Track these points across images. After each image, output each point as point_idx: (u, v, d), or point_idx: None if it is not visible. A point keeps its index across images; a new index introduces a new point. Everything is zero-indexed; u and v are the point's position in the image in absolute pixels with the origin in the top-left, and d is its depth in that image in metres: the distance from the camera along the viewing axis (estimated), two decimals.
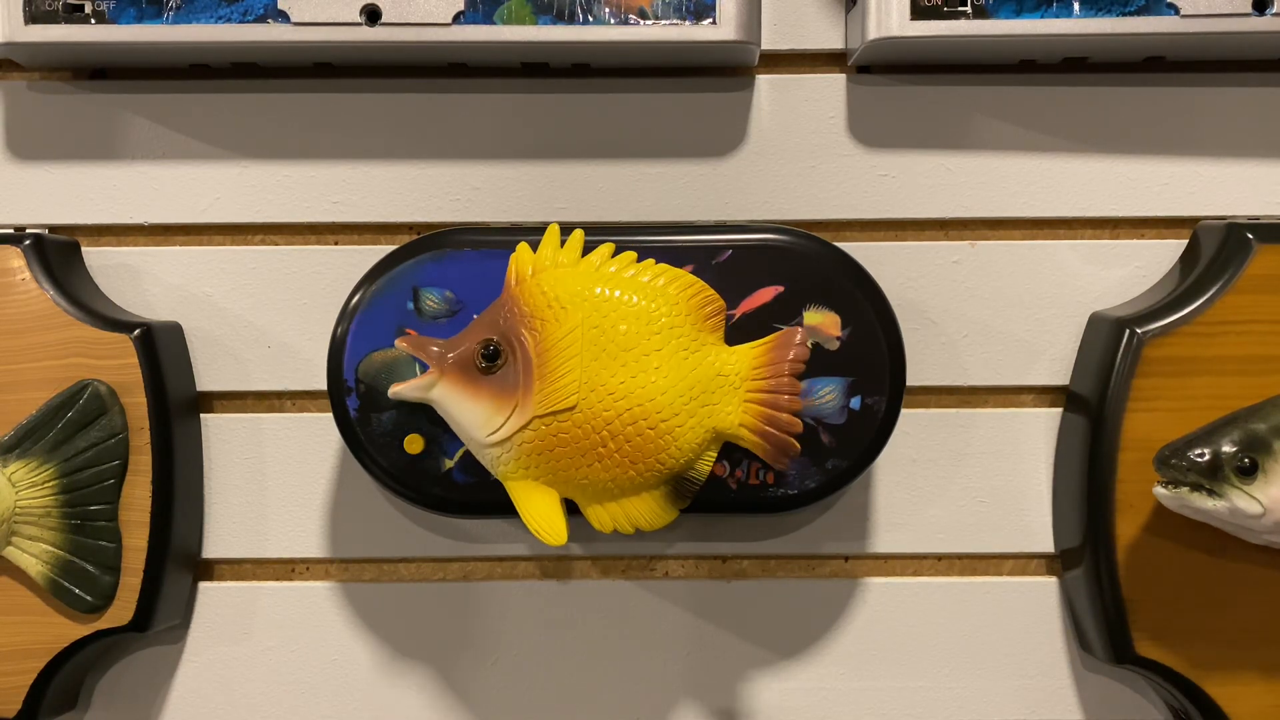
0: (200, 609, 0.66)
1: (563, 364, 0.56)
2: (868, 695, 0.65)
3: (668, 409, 0.56)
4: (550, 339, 0.56)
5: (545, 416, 0.56)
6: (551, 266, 0.57)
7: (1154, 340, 0.60)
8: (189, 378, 0.65)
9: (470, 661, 0.65)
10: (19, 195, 0.65)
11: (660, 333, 0.57)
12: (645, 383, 0.56)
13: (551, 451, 0.56)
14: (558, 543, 0.57)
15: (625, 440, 0.56)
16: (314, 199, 0.65)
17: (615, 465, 0.57)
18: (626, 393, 0.56)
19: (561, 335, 0.56)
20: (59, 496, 0.61)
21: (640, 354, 0.56)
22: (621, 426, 0.56)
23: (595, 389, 0.56)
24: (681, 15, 0.60)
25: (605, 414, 0.56)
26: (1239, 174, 0.64)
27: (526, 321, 0.56)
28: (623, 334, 0.56)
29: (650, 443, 0.56)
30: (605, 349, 0.56)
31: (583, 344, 0.56)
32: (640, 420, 0.56)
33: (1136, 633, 0.60)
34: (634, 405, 0.56)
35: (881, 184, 0.65)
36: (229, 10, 0.60)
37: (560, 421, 0.56)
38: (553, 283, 0.57)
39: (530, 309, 0.57)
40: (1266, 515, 0.56)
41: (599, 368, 0.56)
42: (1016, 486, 0.65)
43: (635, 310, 0.57)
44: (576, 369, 0.56)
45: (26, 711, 0.62)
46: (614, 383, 0.56)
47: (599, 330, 0.56)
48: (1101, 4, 0.60)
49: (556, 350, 0.56)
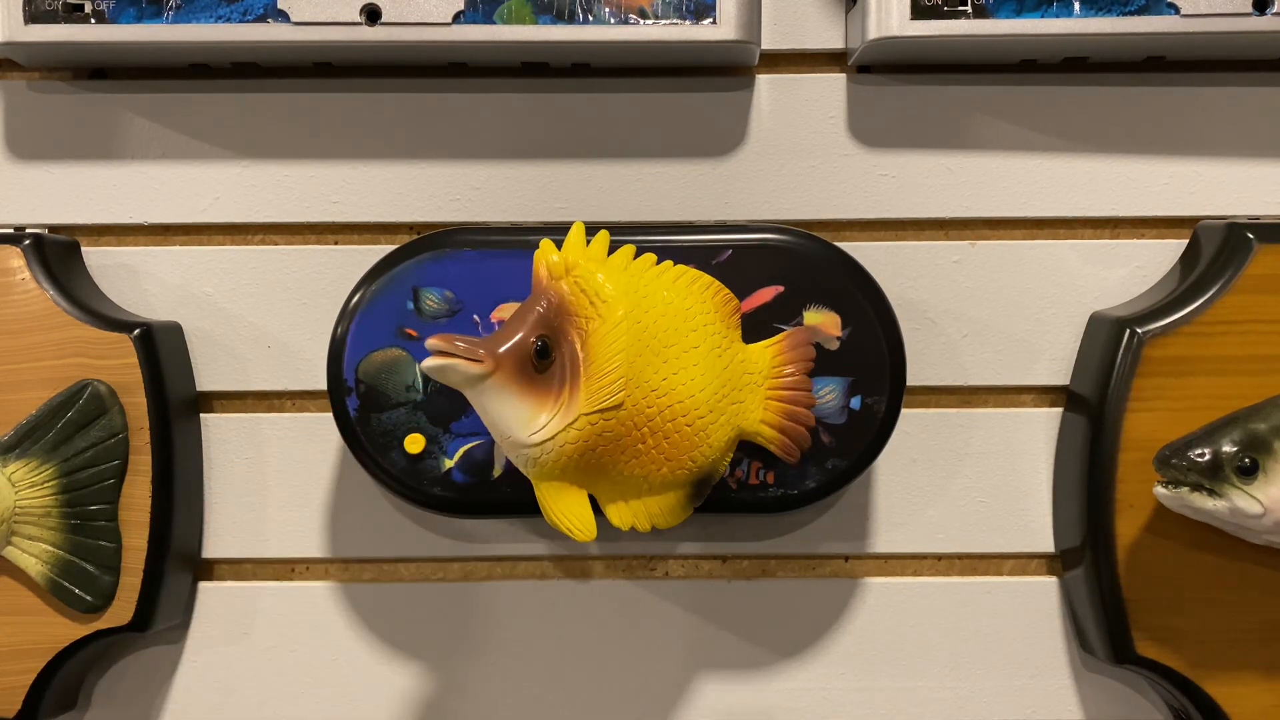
0: (200, 609, 0.66)
1: (610, 360, 0.55)
2: (868, 695, 0.65)
3: (704, 406, 0.56)
4: (596, 335, 0.55)
5: (592, 414, 0.55)
6: (587, 262, 0.56)
7: (1154, 340, 0.60)
8: (189, 377, 0.65)
9: (470, 661, 0.65)
10: (19, 195, 0.65)
11: (697, 330, 0.57)
12: (686, 379, 0.56)
13: (594, 450, 0.55)
14: (588, 539, 0.56)
15: (664, 437, 0.56)
16: (314, 199, 0.65)
17: (650, 462, 0.56)
18: (668, 389, 0.56)
19: (608, 331, 0.55)
20: (59, 496, 0.61)
21: (680, 350, 0.56)
22: (662, 423, 0.56)
23: (639, 385, 0.55)
24: (681, 15, 0.60)
25: (648, 410, 0.56)
26: (1239, 174, 0.64)
27: (570, 318, 0.55)
28: (663, 331, 0.56)
29: (686, 439, 0.56)
30: (648, 345, 0.56)
31: (628, 339, 0.55)
32: (680, 417, 0.56)
33: (1136, 633, 0.60)
34: (674, 402, 0.56)
35: (881, 184, 0.65)
36: (229, 10, 0.60)
37: (606, 420, 0.55)
38: (592, 279, 0.56)
39: (573, 305, 0.55)
40: (1266, 515, 0.56)
41: (642, 364, 0.55)
42: (1016, 486, 0.65)
43: (674, 307, 0.56)
44: (624, 365, 0.55)
45: (26, 711, 0.62)
46: (656, 379, 0.56)
47: (641, 326, 0.56)
48: (1101, 4, 0.60)
49: (604, 346, 0.55)
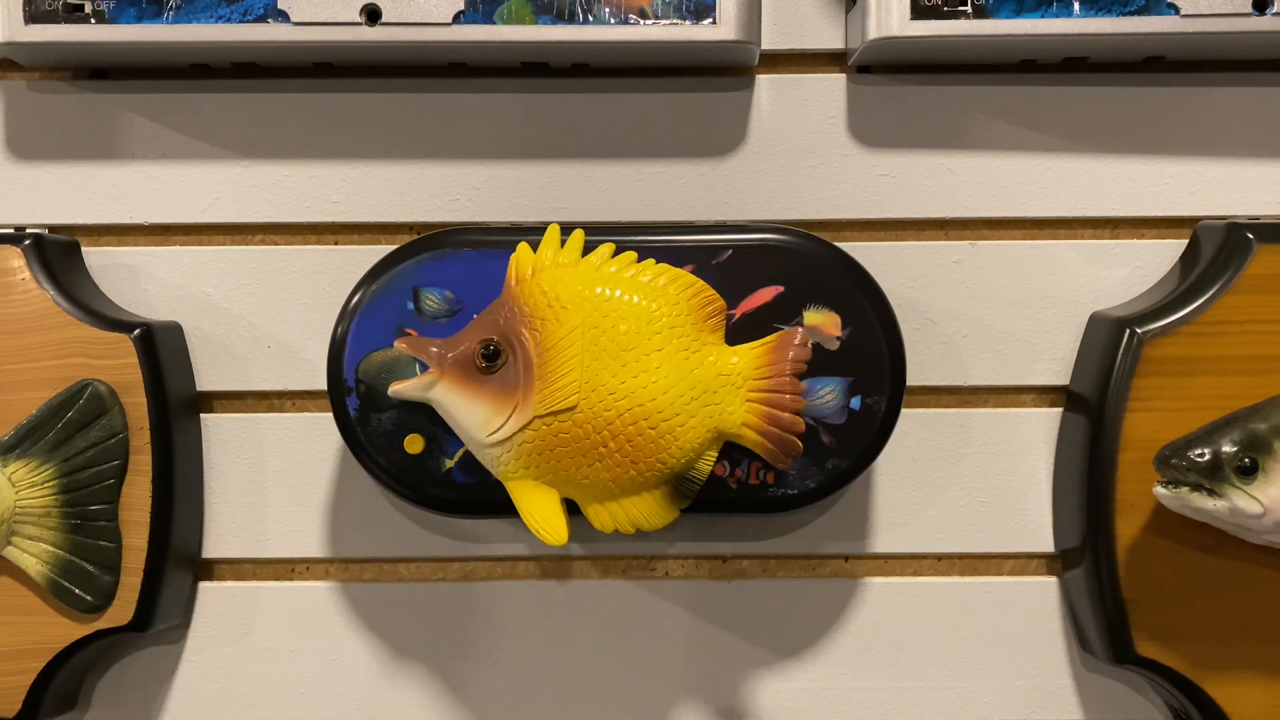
0: (200, 609, 0.66)
1: (563, 364, 0.56)
2: (868, 695, 0.65)
3: (668, 409, 0.56)
4: (551, 339, 0.56)
5: (545, 416, 0.56)
6: (552, 266, 0.57)
7: (1154, 340, 0.60)
8: (189, 378, 0.65)
9: (470, 661, 0.65)
10: (19, 195, 0.65)
11: (661, 332, 0.57)
12: (646, 382, 0.56)
13: (552, 451, 0.56)
14: (558, 542, 0.57)
15: (626, 440, 0.56)
16: (314, 199, 0.65)
17: (616, 465, 0.57)
18: (627, 392, 0.56)
19: (562, 335, 0.56)
20: (59, 496, 0.61)
21: (641, 354, 0.56)
22: (622, 426, 0.56)
23: (596, 389, 0.56)
24: (681, 15, 0.60)
25: (606, 414, 0.56)
26: (1239, 174, 0.64)
27: (527, 321, 0.56)
28: (623, 334, 0.56)
29: (651, 442, 0.56)
30: (606, 349, 0.56)
31: (583, 344, 0.56)
32: (641, 420, 0.56)
33: (1136, 633, 0.60)
34: (634, 405, 0.56)
35: (881, 184, 0.65)
36: (229, 10, 0.60)
37: (561, 421, 0.56)
38: (553, 282, 0.57)
39: (530, 309, 0.56)
40: (1266, 515, 0.56)
41: (599, 367, 0.56)
42: (1016, 486, 0.65)
43: (636, 310, 0.57)
44: (577, 369, 0.56)
45: (26, 711, 0.62)
46: (614, 382, 0.56)
47: (599, 330, 0.56)
48: (1101, 4, 0.60)
49: (557, 350, 0.56)
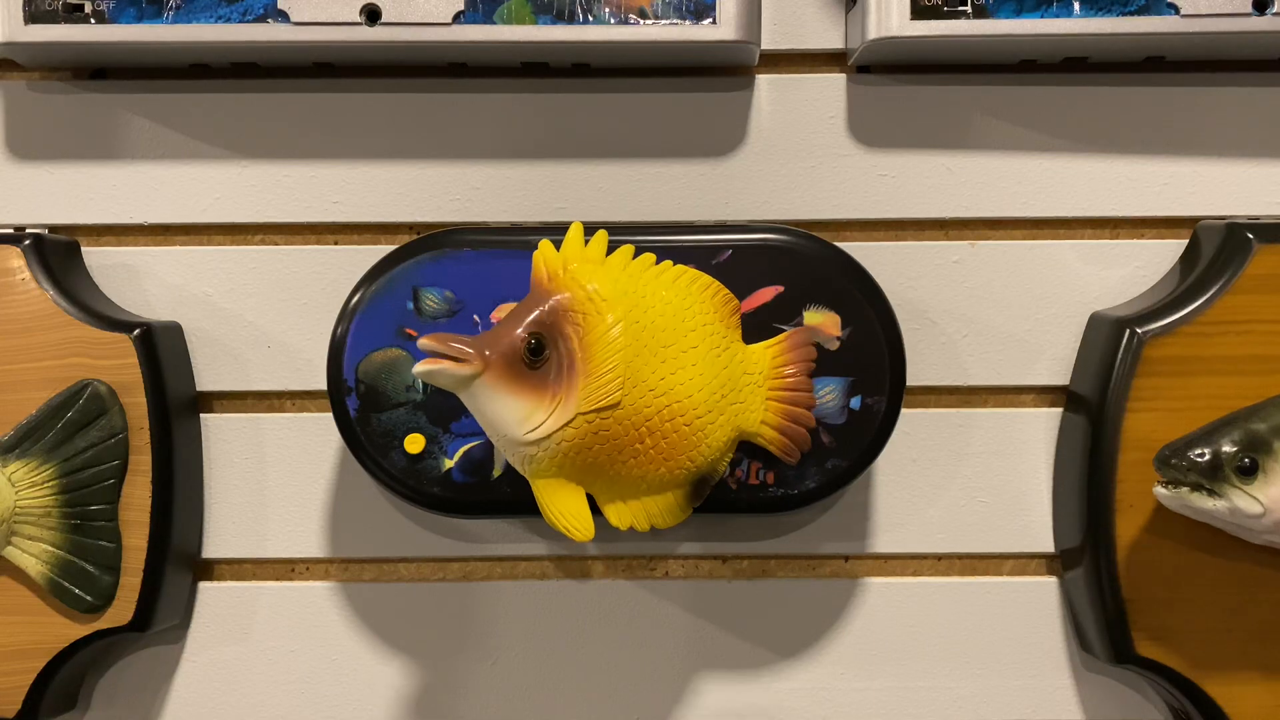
0: (200, 609, 0.66)
1: (608, 359, 0.55)
2: (868, 695, 0.65)
3: (703, 406, 0.56)
4: (594, 333, 0.55)
5: (589, 413, 0.55)
6: (583, 262, 0.56)
7: (1154, 340, 0.60)
8: (189, 378, 0.65)
9: (470, 661, 0.65)
10: (19, 195, 0.65)
11: (695, 329, 0.56)
12: (684, 379, 0.56)
13: (590, 449, 0.55)
14: (585, 539, 0.56)
15: (662, 437, 0.56)
16: (314, 199, 0.65)
17: (649, 462, 0.56)
18: (666, 389, 0.56)
19: (605, 330, 0.55)
20: (59, 496, 0.61)
21: (679, 350, 0.56)
22: (660, 423, 0.56)
23: (637, 385, 0.55)
24: (681, 15, 0.60)
25: (645, 410, 0.55)
26: (1239, 174, 0.64)
27: (568, 316, 0.55)
28: (662, 330, 0.56)
29: (685, 439, 0.56)
30: (647, 345, 0.55)
31: (627, 338, 0.55)
32: (678, 417, 0.56)
33: (1136, 633, 0.60)
34: (672, 402, 0.56)
35: (881, 184, 0.65)
36: (229, 10, 0.60)
37: (603, 419, 0.55)
38: (590, 278, 0.56)
39: (570, 303, 0.55)
40: (1266, 515, 0.56)
41: (640, 364, 0.55)
42: (1016, 486, 0.65)
43: (672, 307, 0.56)
44: (622, 365, 0.55)
45: (26, 711, 0.62)
46: (654, 379, 0.55)
47: (640, 325, 0.55)
48: (1101, 4, 0.60)
49: (602, 344, 0.55)
